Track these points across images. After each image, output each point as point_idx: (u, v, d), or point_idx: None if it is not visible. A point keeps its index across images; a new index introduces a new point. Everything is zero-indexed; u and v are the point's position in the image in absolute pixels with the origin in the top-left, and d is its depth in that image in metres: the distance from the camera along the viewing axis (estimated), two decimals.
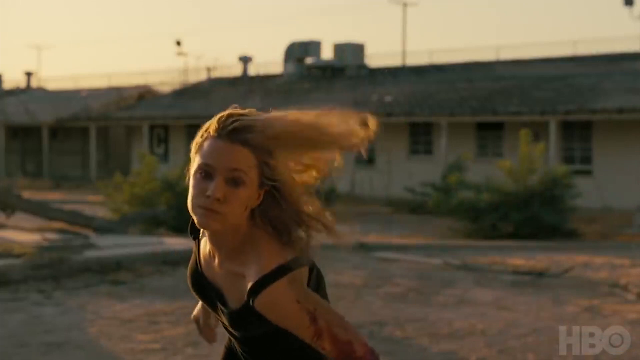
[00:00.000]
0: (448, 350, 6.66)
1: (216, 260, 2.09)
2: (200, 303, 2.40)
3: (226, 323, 2.10)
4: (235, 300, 2.04)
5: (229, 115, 2.01)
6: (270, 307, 1.94)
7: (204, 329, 2.44)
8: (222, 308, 2.09)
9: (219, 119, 2.01)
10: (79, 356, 6.43)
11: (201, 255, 2.15)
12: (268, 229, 2.02)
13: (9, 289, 9.06)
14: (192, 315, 2.47)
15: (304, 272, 2.00)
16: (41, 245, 11.85)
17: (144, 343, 6.75)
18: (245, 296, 1.97)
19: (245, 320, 2.01)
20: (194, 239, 2.20)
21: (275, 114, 2.03)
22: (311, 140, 2.01)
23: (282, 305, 1.93)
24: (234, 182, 1.95)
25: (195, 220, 1.99)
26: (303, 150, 2.03)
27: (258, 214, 2.02)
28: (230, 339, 2.27)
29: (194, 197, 1.97)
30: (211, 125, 2.02)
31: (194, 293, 2.21)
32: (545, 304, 8.72)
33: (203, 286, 2.15)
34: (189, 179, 2.02)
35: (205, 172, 1.96)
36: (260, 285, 1.93)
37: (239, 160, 1.95)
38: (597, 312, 8.21)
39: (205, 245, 2.14)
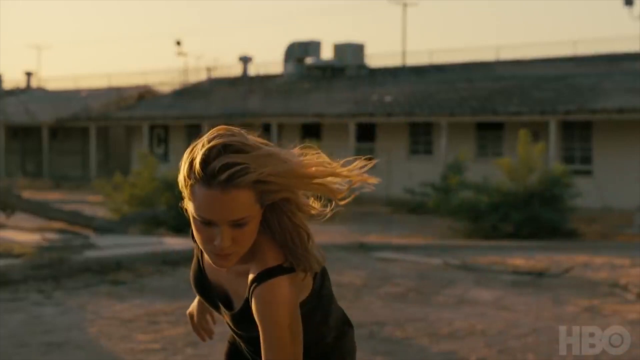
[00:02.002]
0: (448, 350, 6.66)
1: (228, 281, 2.09)
2: (197, 299, 2.39)
3: (230, 323, 2.11)
4: (239, 299, 2.04)
5: (212, 154, 1.87)
6: (262, 299, 1.90)
7: (198, 326, 2.44)
8: (226, 309, 2.09)
9: (202, 160, 1.86)
10: (79, 356, 6.43)
11: (204, 258, 2.15)
12: (271, 233, 2.01)
13: (9, 289, 9.05)
14: (187, 312, 2.46)
15: (302, 278, 1.99)
16: (41, 245, 11.86)
17: (144, 343, 6.75)
18: (247, 290, 1.97)
19: (248, 318, 2.00)
20: (196, 242, 2.20)
21: (266, 150, 1.91)
22: (310, 188, 1.99)
23: (272, 302, 1.89)
24: (239, 225, 1.89)
25: (211, 261, 1.98)
26: (297, 190, 1.99)
27: (261, 222, 2.01)
28: (233, 335, 2.27)
29: (202, 243, 1.94)
30: (195, 166, 1.88)
31: (197, 294, 2.21)
32: (545, 304, 8.72)
33: (207, 288, 2.15)
34: (185, 210, 1.97)
35: (207, 223, 1.89)
36: (263, 276, 1.92)
37: (239, 209, 1.86)
38: (597, 312, 8.21)
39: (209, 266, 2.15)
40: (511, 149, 21.87)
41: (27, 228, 14.53)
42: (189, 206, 1.93)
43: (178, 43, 40.27)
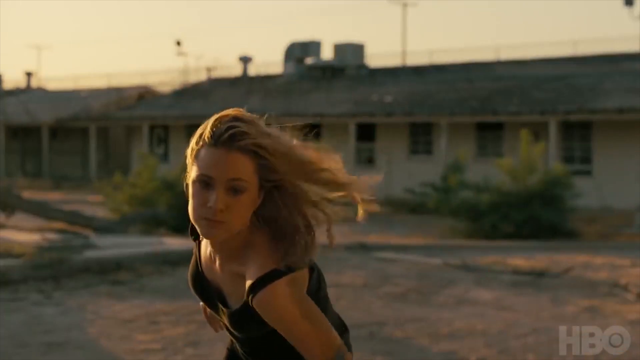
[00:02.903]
0: (448, 350, 6.66)
1: (217, 262, 2.08)
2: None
3: (227, 324, 2.10)
4: (236, 300, 2.04)
5: (222, 121, 1.97)
6: (266, 306, 1.92)
7: (211, 317, 2.41)
8: (223, 309, 2.09)
9: (213, 125, 1.97)
10: (79, 356, 6.43)
11: (202, 257, 2.15)
12: (268, 229, 2.01)
13: (9, 289, 9.05)
14: (201, 303, 2.45)
15: (303, 274, 1.99)
16: (41, 245, 11.86)
17: (144, 343, 6.75)
18: (245, 295, 1.97)
19: (246, 320, 2.01)
20: (195, 239, 2.19)
21: (272, 130, 2.00)
22: (309, 174, 2.01)
23: (277, 306, 1.91)
24: (235, 190, 1.93)
25: (199, 231, 1.97)
26: (298, 176, 2.01)
27: (259, 215, 2.02)
28: (232, 340, 2.27)
29: (195, 208, 1.95)
30: (205, 132, 1.98)
31: (195, 294, 2.21)
32: (545, 304, 8.72)
33: (204, 287, 2.15)
34: (187, 186, 2.00)
35: (205, 183, 1.93)
36: (259, 284, 1.92)
37: (238, 169, 1.93)
38: (597, 312, 8.21)
39: (206, 247, 2.14)
40: (511, 149, 21.87)
41: (27, 228, 14.53)
42: (190, 174, 1.98)
43: (178, 43, 40.29)
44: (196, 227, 1.98)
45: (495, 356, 6.48)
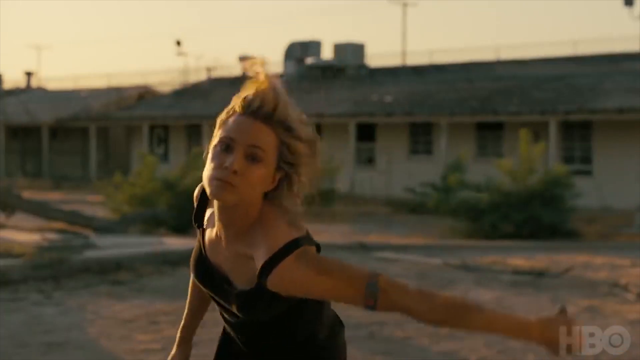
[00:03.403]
0: (448, 350, 6.66)
1: (223, 243, 2.08)
2: (175, 350, 2.49)
3: (232, 307, 2.08)
4: (243, 282, 2.04)
5: (257, 92, 2.03)
6: (285, 283, 1.94)
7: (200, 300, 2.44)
8: (229, 290, 2.07)
9: (245, 97, 2.04)
10: (79, 356, 6.43)
11: (206, 241, 2.15)
12: (278, 212, 2.02)
13: (9, 289, 9.05)
14: (190, 287, 2.44)
15: (311, 248, 2.01)
16: (41, 245, 11.86)
17: (144, 343, 6.75)
18: (257, 278, 1.97)
19: (256, 302, 2.01)
20: (198, 227, 2.19)
21: (304, 118, 2.08)
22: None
23: (294, 279, 1.93)
24: (252, 158, 1.97)
25: (209, 191, 1.98)
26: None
27: (271, 198, 2.04)
28: (224, 331, 2.27)
29: (211, 169, 1.99)
30: (237, 103, 2.05)
31: (197, 279, 2.19)
32: (545, 304, 8.72)
33: (207, 270, 2.14)
34: (207, 154, 2.05)
35: (226, 146, 1.98)
36: (270, 264, 1.94)
37: (260, 137, 1.98)
38: (597, 312, 8.21)
39: (211, 231, 2.14)
40: (511, 149, 21.87)
41: (27, 228, 14.53)
42: (213, 140, 2.03)
43: (178, 43, 40.28)
44: (207, 188, 1.99)
45: (495, 356, 6.48)
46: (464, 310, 2.02)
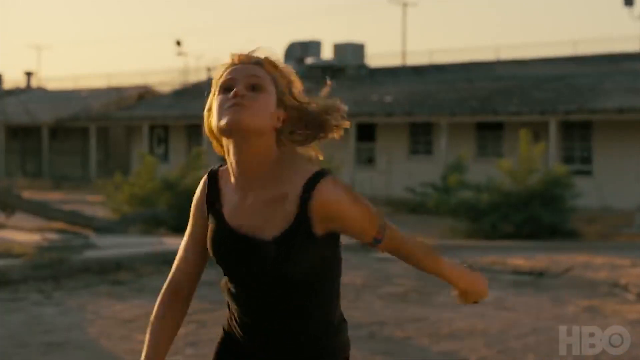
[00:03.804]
0: (448, 350, 6.66)
1: (248, 200, 2.09)
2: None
3: (264, 266, 2.06)
4: (277, 226, 2.05)
5: (242, 52, 2.16)
6: (326, 203, 2.02)
7: None
8: (261, 245, 2.05)
9: (233, 53, 2.16)
10: (79, 356, 6.43)
11: (224, 211, 2.13)
12: (295, 154, 2.11)
13: (9, 289, 9.05)
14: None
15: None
16: (41, 245, 11.86)
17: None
18: (297, 207, 2.02)
19: (293, 240, 2.03)
20: (211, 205, 2.17)
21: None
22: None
23: (336, 200, 2.04)
24: (253, 87, 2.07)
25: (224, 124, 2.03)
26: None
27: (284, 137, 2.11)
28: (225, 332, 2.24)
29: (219, 107, 2.06)
30: (229, 61, 2.15)
31: (218, 256, 2.14)
32: (545, 304, 8.72)
33: (230, 239, 2.11)
34: (206, 118, 2.13)
35: (228, 86, 2.08)
36: (313, 183, 2.03)
37: (256, 70, 2.10)
38: (597, 312, 8.21)
39: (229, 196, 2.13)
40: (511, 149, 21.87)
41: (27, 228, 14.53)
42: (213, 94, 2.13)
43: (178, 43, 40.27)
44: (221, 124, 2.04)
45: (495, 356, 6.48)
46: (434, 251, 2.42)
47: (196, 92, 35.70)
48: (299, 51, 34.46)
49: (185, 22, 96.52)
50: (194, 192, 2.24)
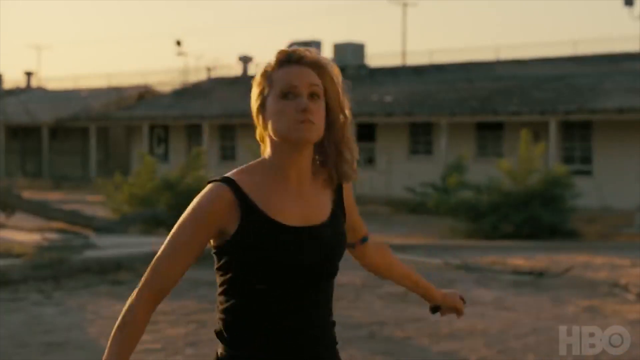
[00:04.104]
0: (448, 350, 6.66)
1: (298, 194, 2.14)
2: None
3: (322, 247, 2.13)
4: (328, 206, 2.19)
5: (292, 49, 2.21)
6: (349, 187, 2.25)
7: None
8: (319, 230, 2.13)
9: (282, 51, 2.21)
10: (79, 356, 6.43)
11: (269, 214, 2.08)
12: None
13: (9, 289, 9.06)
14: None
15: None
16: (41, 245, 11.86)
17: (144, 343, 6.74)
18: (333, 194, 2.21)
19: (340, 214, 2.21)
20: (248, 212, 2.09)
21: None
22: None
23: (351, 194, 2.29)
24: (313, 96, 2.12)
25: (295, 136, 2.07)
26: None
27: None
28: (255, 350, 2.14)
29: (289, 116, 2.08)
30: (273, 59, 2.19)
31: (281, 258, 2.06)
32: (545, 304, 8.72)
33: (293, 236, 2.09)
34: (260, 111, 2.14)
35: (289, 94, 2.10)
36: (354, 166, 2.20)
37: (314, 76, 2.14)
38: (597, 312, 8.22)
39: (269, 199, 2.10)
40: (511, 149, 21.87)
41: (27, 228, 14.53)
42: (269, 99, 2.13)
43: (178, 43, 40.25)
44: (289, 136, 2.08)
45: (495, 356, 6.48)
46: (401, 264, 2.55)
47: (196, 92, 35.72)
48: None
49: (185, 22, 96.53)
50: (194, 192, 2.22)
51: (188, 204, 2.15)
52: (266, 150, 2.16)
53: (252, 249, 2.06)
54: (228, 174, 2.14)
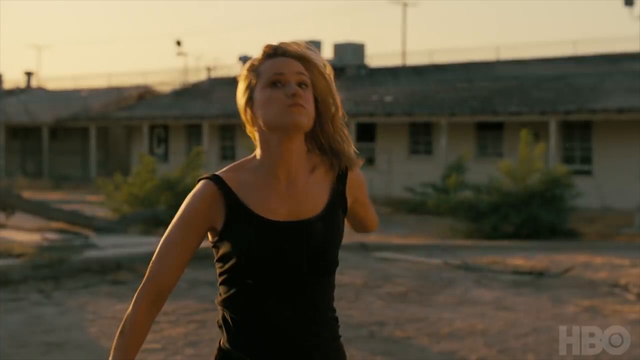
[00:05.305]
0: (448, 350, 6.66)
1: (289, 187, 2.11)
2: None
3: (313, 242, 2.09)
4: (324, 196, 2.15)
5: (278, 43, 2.19)
6: (359, 170, 2.25)
7: None
8: (308, 225, 2.09)
9: (269, 45, 2.18)
10: (79, 356, 6.43)
11: (256, 210, 2.09)
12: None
13: (9, 289, 9.05)
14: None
15: None
16: (41, 245, 11.86)
17: (144, 343, 6.73)
18: (333, 182, 2.17)
19: (337, 206, 2.16)
20: (235, 209, 2.11)
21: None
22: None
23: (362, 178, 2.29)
24: (301, 84, 2.10)
25: (286, 121, 2.05)
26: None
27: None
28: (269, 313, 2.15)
29: (275, 103, 2.07)
30: (261, 52, 2.17)
31: (269, 255, 2.07)
32: (545, 304, 8.72)
33: (281, 231, 2.08)
34: (248, 105, 2.12)
35: (276, 82, 2.09)
36: (352, 154, 2.21)
37: (300, 66, 2.13)
38: (597, 312, 8.21)
39: (258, 194, 2.10)
40: (511, 149, 21.87)
41: (27, 228, 14.52)
42: (256, 91, 2.12)
43: (178, 43, 40.25)
44: (281, 120, 2.06)
45: (495, 356, 6.48)
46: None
47: (196, 92, 35.71)
48: None
49: (185, 22, 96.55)
50: (202, 193, 2.20)
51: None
52: (256, 148, 2.17)
53: (236, 244, 2.09)
54: (218, 172, 2.18)
